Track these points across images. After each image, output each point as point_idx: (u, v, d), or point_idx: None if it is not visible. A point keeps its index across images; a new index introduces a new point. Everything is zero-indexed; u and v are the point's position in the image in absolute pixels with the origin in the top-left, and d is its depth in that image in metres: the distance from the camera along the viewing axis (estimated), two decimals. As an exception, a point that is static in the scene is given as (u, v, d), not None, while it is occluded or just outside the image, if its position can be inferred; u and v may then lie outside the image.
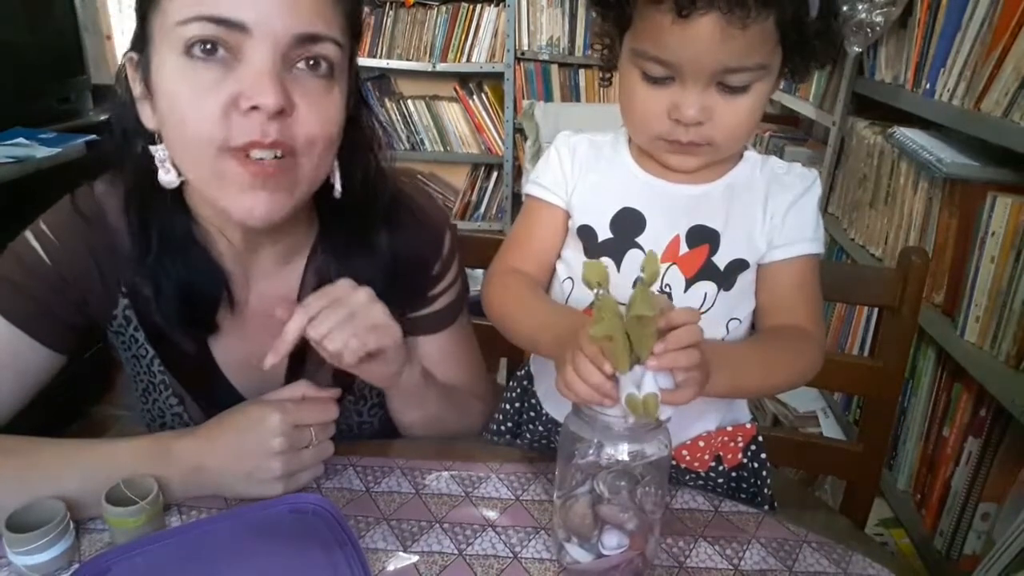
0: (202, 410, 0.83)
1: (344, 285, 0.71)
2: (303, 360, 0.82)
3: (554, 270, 0.82)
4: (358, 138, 0.76)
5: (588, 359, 0.57)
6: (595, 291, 0.56)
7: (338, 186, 0.74)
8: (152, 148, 0.68)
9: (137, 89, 0.68)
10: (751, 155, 0.77)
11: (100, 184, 0.77)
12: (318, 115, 0.65)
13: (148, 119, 0.68)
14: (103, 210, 0.75)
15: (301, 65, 0.64)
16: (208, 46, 0.61)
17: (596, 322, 0.56)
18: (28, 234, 0.75)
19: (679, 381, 0.57)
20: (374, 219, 0.80)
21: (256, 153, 0.63)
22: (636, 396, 0.56)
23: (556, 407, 0.84)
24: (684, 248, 0.74)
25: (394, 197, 0.82)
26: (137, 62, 0.68)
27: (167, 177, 0.69)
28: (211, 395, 0.82)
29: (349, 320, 0.69)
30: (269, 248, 0.78)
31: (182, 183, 0.70)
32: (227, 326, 0.79)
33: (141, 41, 0.66)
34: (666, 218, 0.74)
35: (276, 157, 0.64)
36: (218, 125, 0.62)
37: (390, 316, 0.72)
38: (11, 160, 1.80)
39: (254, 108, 0.61)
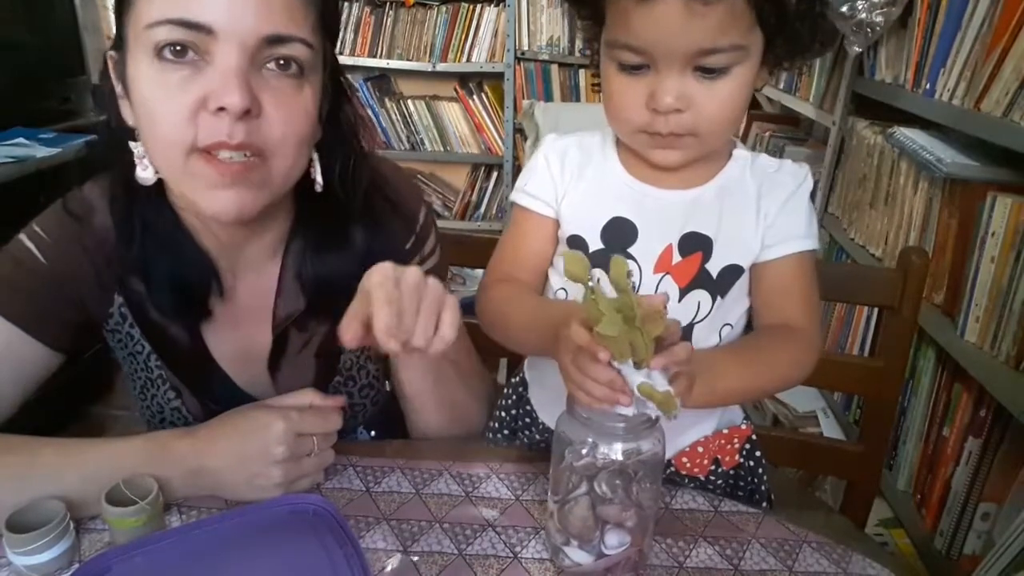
0: (200, 403, 0.84)
1: (389, 267, 0.63)
2: (285, 345, 0.83)
3: (547, 279, 0.81)
4: (337, 133, 0.77)
5: (590, 355, 0.56)
6: (588, 284, 0.55)
7: (319, 179, 0.75)
8: (132, 144, 0.70)
9: (118, 88, 0.70)
10: (740, 153, 0.76)
11: (89, 186, 0.78)
12: (286, 116, 0.66)
13: (128, 116, 0.70)
14: (93, 209, 0.76)
15: (271, 66, 0.65)
16: (177, 48, 0.62)
17: (597, 317, 0.54)
18: (22, 236, 0.76)
19: (672, 375, 0.56)
20: (351, 213, 0.80)
21: (223, 154, 0.64)
22: (650, 384, 0.55)
23: (550, 415, 0.83)
24: (676, 257, 0.73)
25: (372, 191, 0.82)
26: (116, 61, 0.69)
27: (144, 173, 0.70)
28: (208, 387, 0.83)
29: (424, 304, 0.62)
30: (254, 242, 0.79)
31: (161, 179, 0.71)
32: (219, 317, 0.80)
33: (118, 42, 0.68)
34: (658, 227, 0.73)
35: (245, 156, 0.65)
36: (186, 126, 0.63)
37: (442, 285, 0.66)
38: (11, 160, 1.80)
39: (221, 109, 0.62)
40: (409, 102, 3.13)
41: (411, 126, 3.17)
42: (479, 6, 2.96)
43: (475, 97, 3.11)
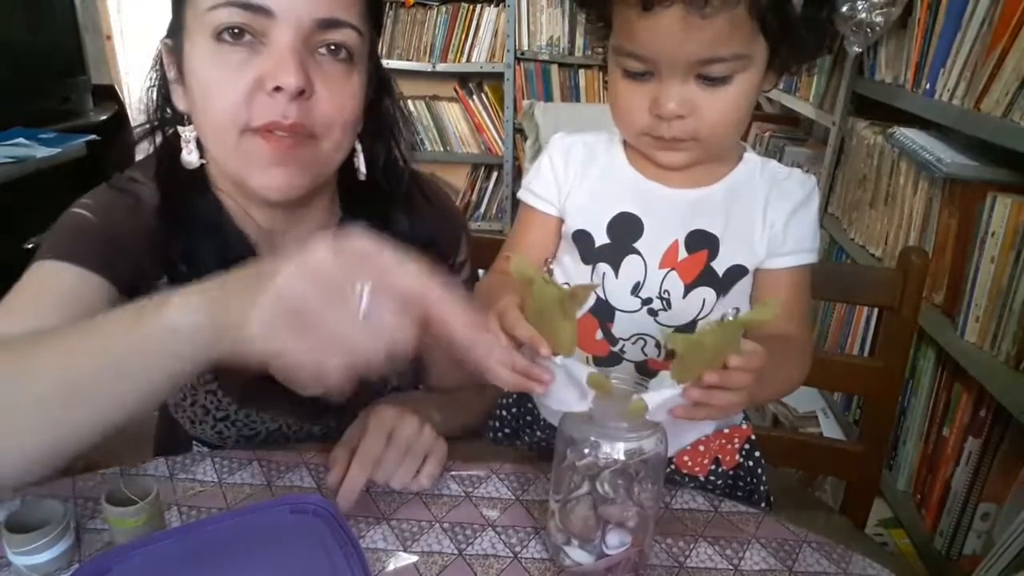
0: (235, 385, 0.84)
1: (390, 415, 0.72)
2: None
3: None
4: (380, 124, 0.80)
5: (508, 340, 0.57)
6: (545, 269, 0.56)
7: (362, 168, 0.78)
8: (181, 129, 0.72)
9: (171, 73, 0.72)
10: (751, 157, 0.76)
11: (132, 171, 0.79)
12: (337, 99, 0.69)
13: (180, 101, 0.73)
14: (139, 186, 0.77)
15: (323, 51, 0.68)
16: (236, 31, 0.65)
17: (537, 306, 0.55)
18: (72, 208, 0.75)
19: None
20: (394, 203, 0.82)
21: (276, 132, 0.66)
22: (598, 374, 0.56)
23: (553, 412, 0.83)
24: (683, 253, 0.73)
25: (413, 183, 0.85)
26: (171, 48, 0.72)
27: (189, 157, 0.73)
28: (244, 371, 0.82)
29: (409, 455, 0.71)
30: (293, 230, 0.80)
31: (203, 164, 0.74)
32: None
33: (175, 28, 0.71)
34: (664, 223, 0.74)
35: (296, 136, 0.67)
36: (242, 106, 0.65)
37: (435, 432, 0.73)
38: (11, 160, 1.81)
39: (277, 89, 0.64)
40: (409, 102, 3.13)
41: (411, 126, 3.17)
42: (479, 6, 2.96)
43: (475, 97, 3.11)
